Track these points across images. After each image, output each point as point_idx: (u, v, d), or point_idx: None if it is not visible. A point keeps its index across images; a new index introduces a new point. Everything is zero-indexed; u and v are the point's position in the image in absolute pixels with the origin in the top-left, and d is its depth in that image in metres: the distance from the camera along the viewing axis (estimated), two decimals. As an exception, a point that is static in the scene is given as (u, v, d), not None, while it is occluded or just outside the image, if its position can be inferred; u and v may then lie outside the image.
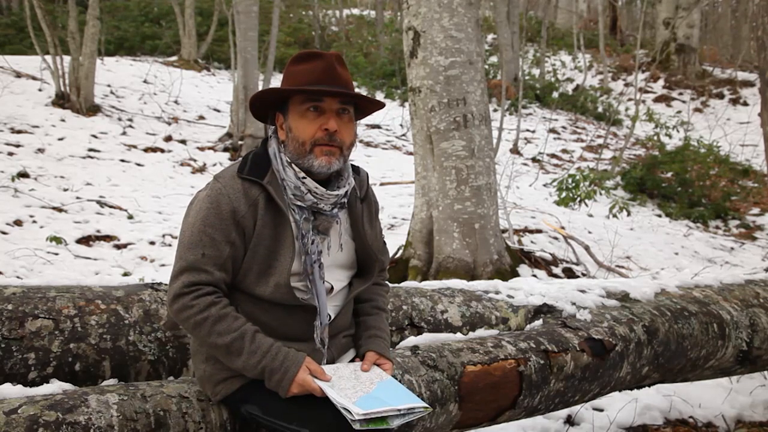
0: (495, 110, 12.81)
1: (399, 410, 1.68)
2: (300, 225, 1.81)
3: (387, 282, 2.13)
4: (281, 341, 1.79)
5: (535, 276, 5.10)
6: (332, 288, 1.89)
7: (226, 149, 10.24)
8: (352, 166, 1.95)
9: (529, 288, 2.87)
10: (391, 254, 5.24)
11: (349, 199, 1.93)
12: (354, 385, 1.74)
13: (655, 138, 11.22)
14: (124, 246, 6.03)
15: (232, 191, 1.78)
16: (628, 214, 7.57)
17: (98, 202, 6.95)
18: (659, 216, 9.02)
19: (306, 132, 1.79)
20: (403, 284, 2.81)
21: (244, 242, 1.79)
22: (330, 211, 1.85)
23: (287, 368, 1.71)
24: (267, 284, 1.79)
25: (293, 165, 1.81)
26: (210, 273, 1.75)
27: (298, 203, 1.82)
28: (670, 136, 11.32)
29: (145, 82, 13.05)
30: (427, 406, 1.73)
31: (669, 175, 10.10)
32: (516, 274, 4.88)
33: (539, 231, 6.33)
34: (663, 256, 6.71)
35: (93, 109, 10.44)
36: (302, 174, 1.81)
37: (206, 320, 1.72)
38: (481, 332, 2.55)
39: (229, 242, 1.77)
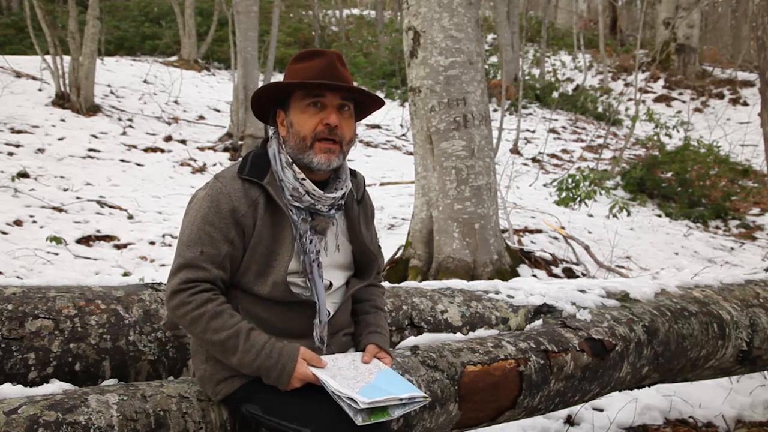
0: (495, 110, 12.81)
1: (401, 399, 1.69)
2: (298, 225, 1.82)
3: (382, 284, 2.15)
4: (281, 338, 1.80)
5: (535, 276, 5.10)
6: (331, 284, 1.90)
7: (226, 149, 10.24)
8: (350, 169, 1.97)
9: (529, 288, 2.87)
10: (391, 254, 5.24)
11: (346, 201, 1.94)
12: (354, 375, 1.75)
13: (655, 138, 11.21)
14: (124, 246, 6.02)
15: (233, 191, 1.79)
16: (628, 214, 7.57)
17: (98, 202, 6.95)
18: (659, 216, 9.02)
19: (307, 126, 1.81)
20: (403, 284, 2.80)
21: (244, 241, 1.80)
22: (327, 212, 1.87)
23: (284, 364, 1.71)
24: (265, 283, 1.80)
25: (293, 166, 1.83)
26: (208, 270, 1.76)
27: (296, 204, 1.83)
28: (670, 136, 11.32)
29: (145, 82, 13.05)
30: (426, 395, 1.75)
31: (669, 175, 10.10)
32: (516, 274, 4.88)
33: (539, 231, 6.33)
34: (663, 256, 6.71)
35: (93, 109, 10.44)
36: (301, 175, 1.82)
37: (202, 316, 1.72)
38: (481, 332, 2.55)
39: (228, 241, 1.78)
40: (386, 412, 1.67)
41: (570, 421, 3.23)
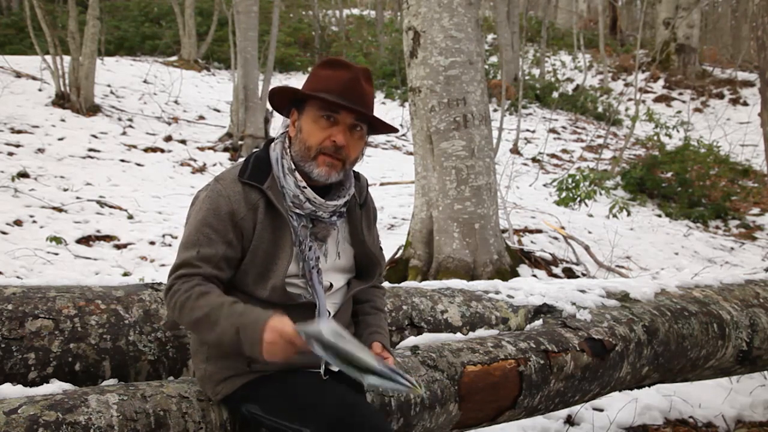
0: (495, 110, 12.80)
1: (391, 373, 1.57)
2: (298, 232, 1.82)
3: (383, 285, 2.15)
4: None
5: (535, 276, 5.10)
6: (331, 285, 1.90)
7: (226, 149, 10.25)
8: (353, 172, 1.95)
9: (529, 288, 2.87)
10: (391, 254, 5.24)
11: (349, 205, 1.93)
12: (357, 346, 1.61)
13: (655, 138, 11.22)
14: (124, 246, 6.02)
15: (232, 193, 1.79)
16: (628, 214, 7.57)
17: (98, 202, 6.95)
18: (659, 216, 9.02)
19: (314, 138, 1.80)
20: (403, 284, 2.80)
21: (243, 244, 1.80)
22: (328, 218, 1.86)
23: (258, 316, 1.63)
24: (265, 287, 1.80)
25: (294, 173, 1.82)
26: (202, 268, 1.75)
27: (297, 210, 1.83)
28: (670, 136, 11.32)
29: (145, 82, 13.05)
30: (415, 385, 1.59)
31: (669, 175, 10.10)
32: (516, 274, 4.88)
33: (539, 231, 6.33)
34: (663, 256, 6.71)
35: (93, 109, 10.44)
36: (302, 183, 1.81)
37: (189, 298, 1.70)
38: (481, 332, 2.55)
39: (226, 242, 1.77)
40: (359, 371, 1.55)
41: (570, 421, 3.23)
